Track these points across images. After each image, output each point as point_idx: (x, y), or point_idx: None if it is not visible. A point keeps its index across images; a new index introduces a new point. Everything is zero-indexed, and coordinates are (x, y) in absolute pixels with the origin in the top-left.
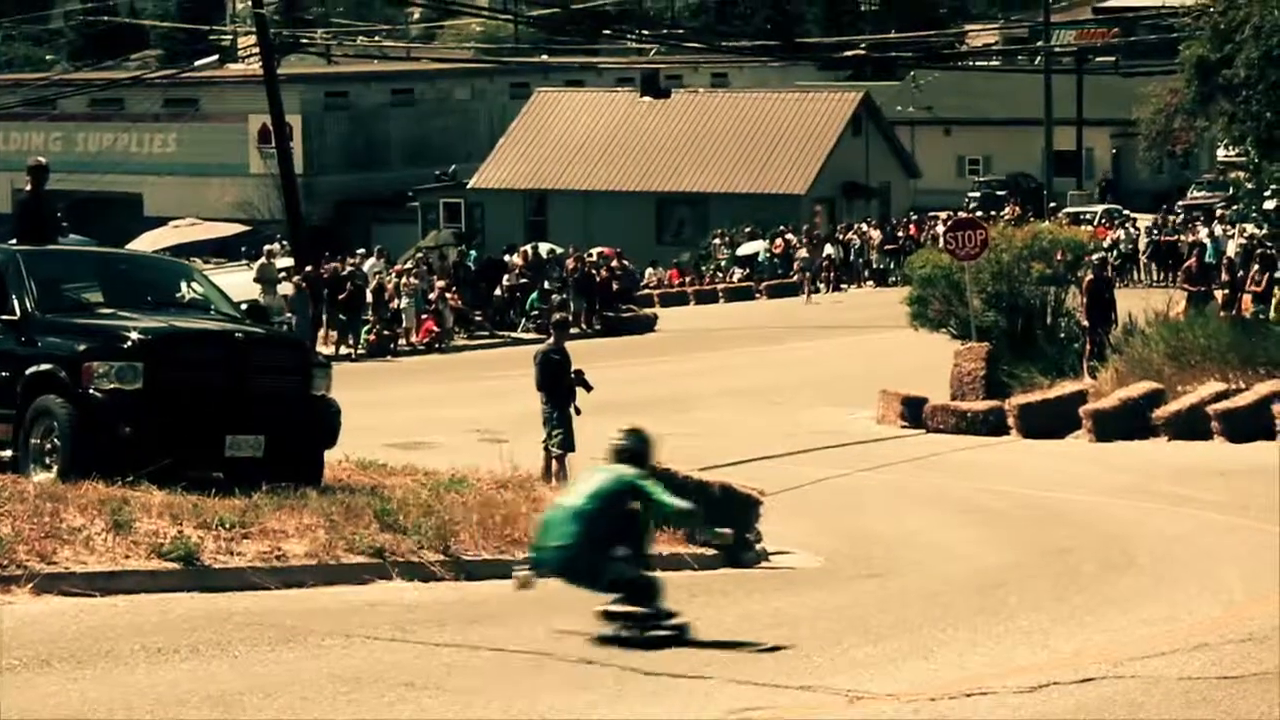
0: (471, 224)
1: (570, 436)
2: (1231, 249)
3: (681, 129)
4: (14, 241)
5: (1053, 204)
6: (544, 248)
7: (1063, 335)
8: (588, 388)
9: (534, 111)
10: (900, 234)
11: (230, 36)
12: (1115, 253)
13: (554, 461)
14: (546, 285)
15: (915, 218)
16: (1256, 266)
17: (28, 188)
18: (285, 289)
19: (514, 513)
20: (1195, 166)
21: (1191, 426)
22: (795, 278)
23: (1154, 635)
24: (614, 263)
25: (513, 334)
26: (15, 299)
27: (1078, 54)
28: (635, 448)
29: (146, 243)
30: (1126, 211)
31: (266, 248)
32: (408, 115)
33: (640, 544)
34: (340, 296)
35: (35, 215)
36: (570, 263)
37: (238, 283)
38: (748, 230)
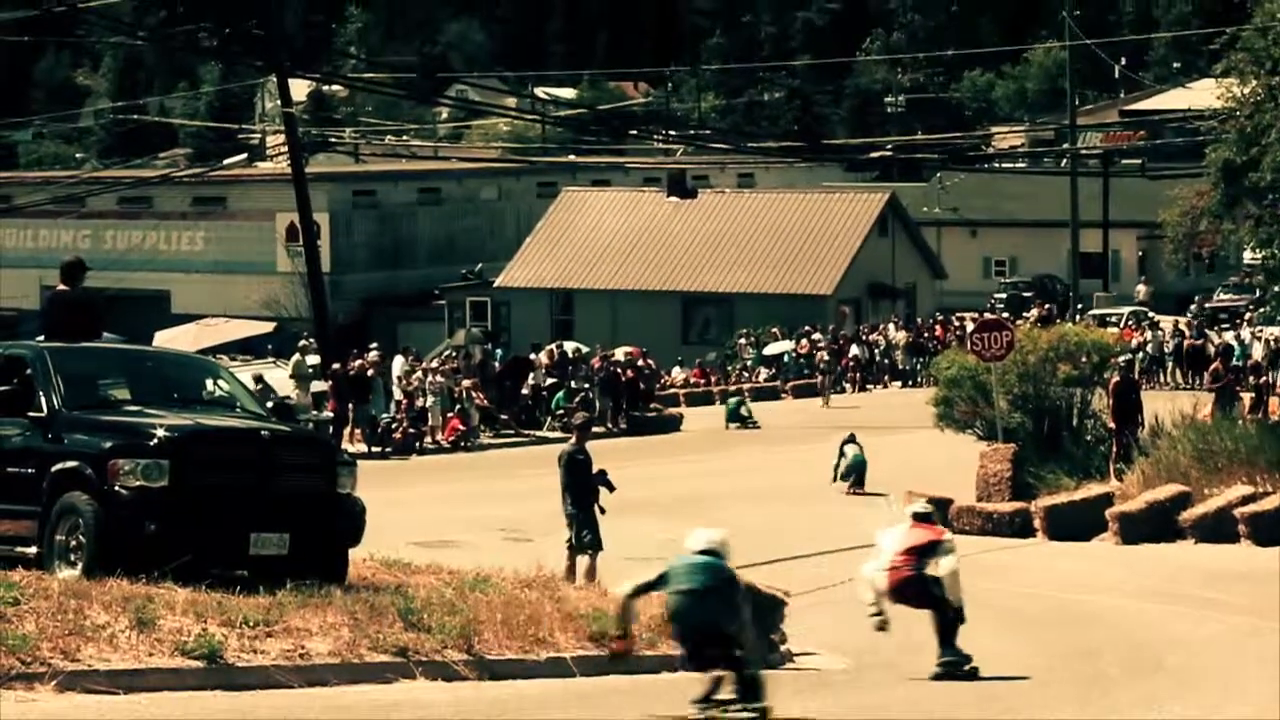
0: (498, 323)
1: (598, 535)
2: (1258, 351)
3: (708, 229)
4: (41, 337)
5: (1079, 305)
6: (570, 346)
7: (1089, 437)
8: (610, 488)
9: (561, 210)
10: (926, 334)
11: (259, 135)
12: (1142, 355)
13: (586, 559)
14: (572, 384)
15: (941, 318)
16: None
17: (60, 286)
18: (318, 385)
19: (538, 612)
20: (1221, 269)
21: (1218, 529)
22: (817, 380)
23: None
24: (640, 362)
25: (538, 433)
26: (42, 395)
27: (1104, 156)
28: None
29: (169, 340)
30: (1153, 314)
31: (300, 343)
32: (435, 214)
33: None
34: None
35: (83, 312)
36: (596, 362)
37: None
38: (774, 330)
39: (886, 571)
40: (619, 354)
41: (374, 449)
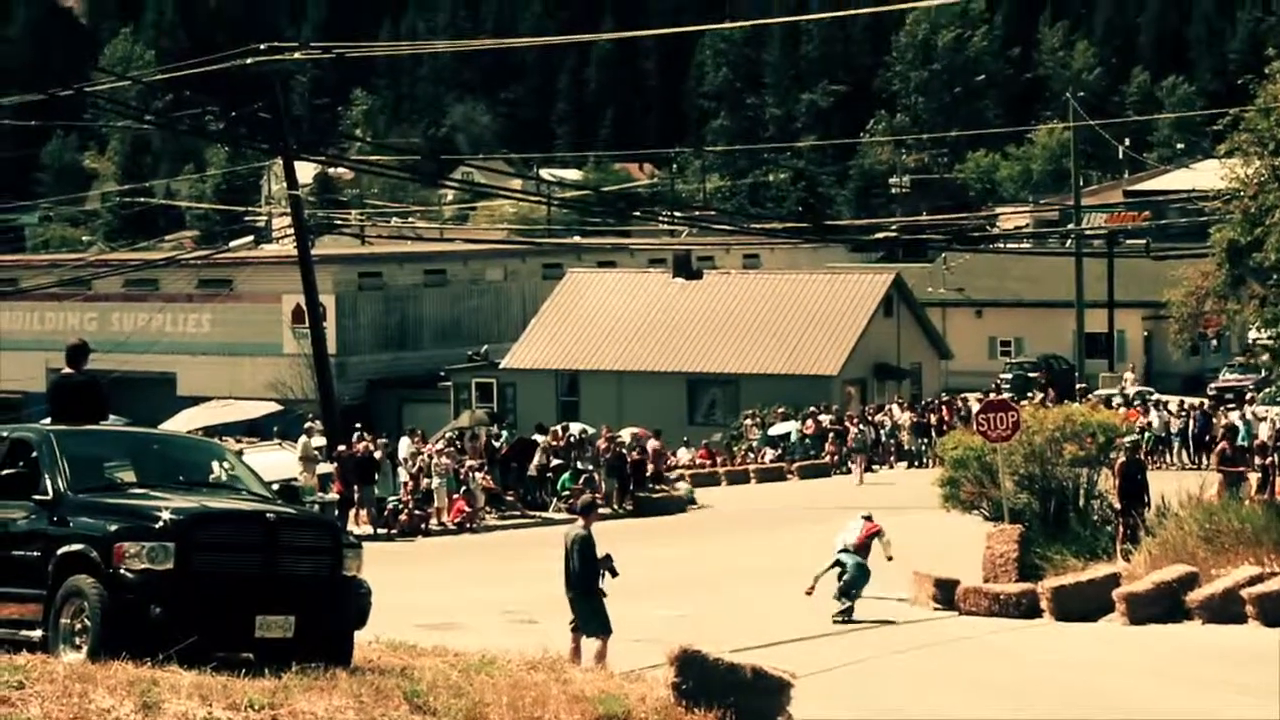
0: (503, 404)
1: (607, 619)
2: (1264, 431)
3: (713, 309)
4: (48, 420)
5: (1083, 385)
6: (575, 428)
7: (1095, 518)
8: (614, 573)
9: (566, 292)
10: (931, 415)
11: (265, 217)
12: (1147, 435)
13: (597, 643)
14: (578, 466)
15: (947, 399)
16: None
17: (64, 369)
18: (324, 468)
19: (544, 694)
20: (1225, 349)
21: (1226, 610)
22: (832, 458)
23: None
24: (649, 443)
25: (544, 514)
26: (48, 478)
27: (1109, 237)
28: None
29: (180, 422)
30: (1158, 395)
31: (307, 425)
32: (440, 295)
33: None
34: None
35: (89, 395)
36: (602, 443)
37: (270, 462)
38: (780, 411)
39: (858, 534)
40: (624, 435)
41: (380, 531)
